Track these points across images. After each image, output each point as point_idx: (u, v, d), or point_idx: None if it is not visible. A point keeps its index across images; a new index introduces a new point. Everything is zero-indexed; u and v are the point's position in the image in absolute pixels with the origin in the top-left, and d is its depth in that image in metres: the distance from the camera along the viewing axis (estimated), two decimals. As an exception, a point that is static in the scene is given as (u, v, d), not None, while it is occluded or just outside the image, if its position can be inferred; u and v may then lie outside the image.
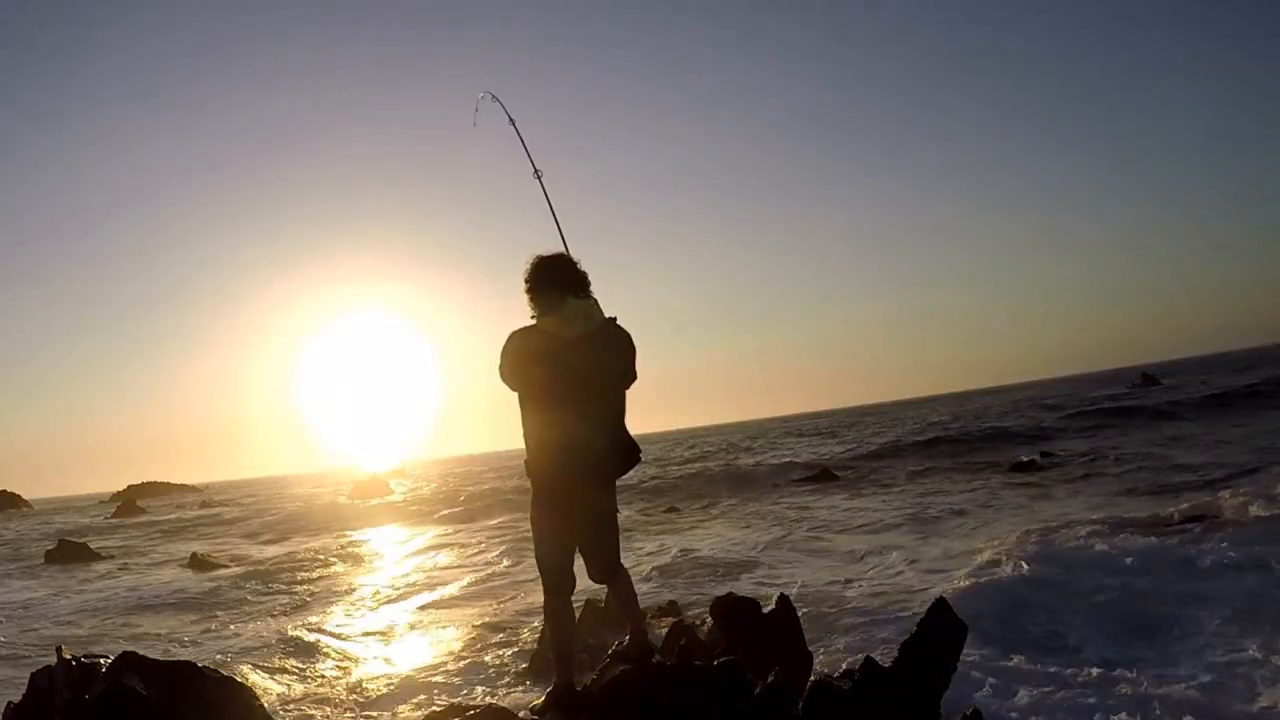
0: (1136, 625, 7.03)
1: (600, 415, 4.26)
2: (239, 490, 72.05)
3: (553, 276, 4.22)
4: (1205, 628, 6.72)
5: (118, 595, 14.32)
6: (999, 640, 6.61)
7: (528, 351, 4.18)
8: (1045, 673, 5.57)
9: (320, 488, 53.79)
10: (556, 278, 4.22)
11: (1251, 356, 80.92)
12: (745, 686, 4.07)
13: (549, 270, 4.24)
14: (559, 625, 4.43)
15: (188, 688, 4.43)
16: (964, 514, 14.69)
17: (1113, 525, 11.13)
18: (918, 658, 4.02)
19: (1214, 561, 8.48)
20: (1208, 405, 30.88)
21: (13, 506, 62.40)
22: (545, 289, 4.21)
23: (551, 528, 4.36)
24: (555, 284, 4.20)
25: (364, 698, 7.27)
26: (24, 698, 4.56)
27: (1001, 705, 5.10)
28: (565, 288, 4.20)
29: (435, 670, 7.88)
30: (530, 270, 4.27)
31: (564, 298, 4.18)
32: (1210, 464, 17.23)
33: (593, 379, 4.21)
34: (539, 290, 4.23)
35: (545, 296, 4.21)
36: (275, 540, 23.27)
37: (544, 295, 4.21)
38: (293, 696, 7.43)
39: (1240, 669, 5.73)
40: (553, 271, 4.24)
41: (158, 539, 25.68)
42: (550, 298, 4.19)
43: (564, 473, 4.26)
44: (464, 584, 12.70)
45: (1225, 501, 11.78)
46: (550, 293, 4.19)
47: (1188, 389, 39.50)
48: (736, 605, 5.05)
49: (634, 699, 4.11)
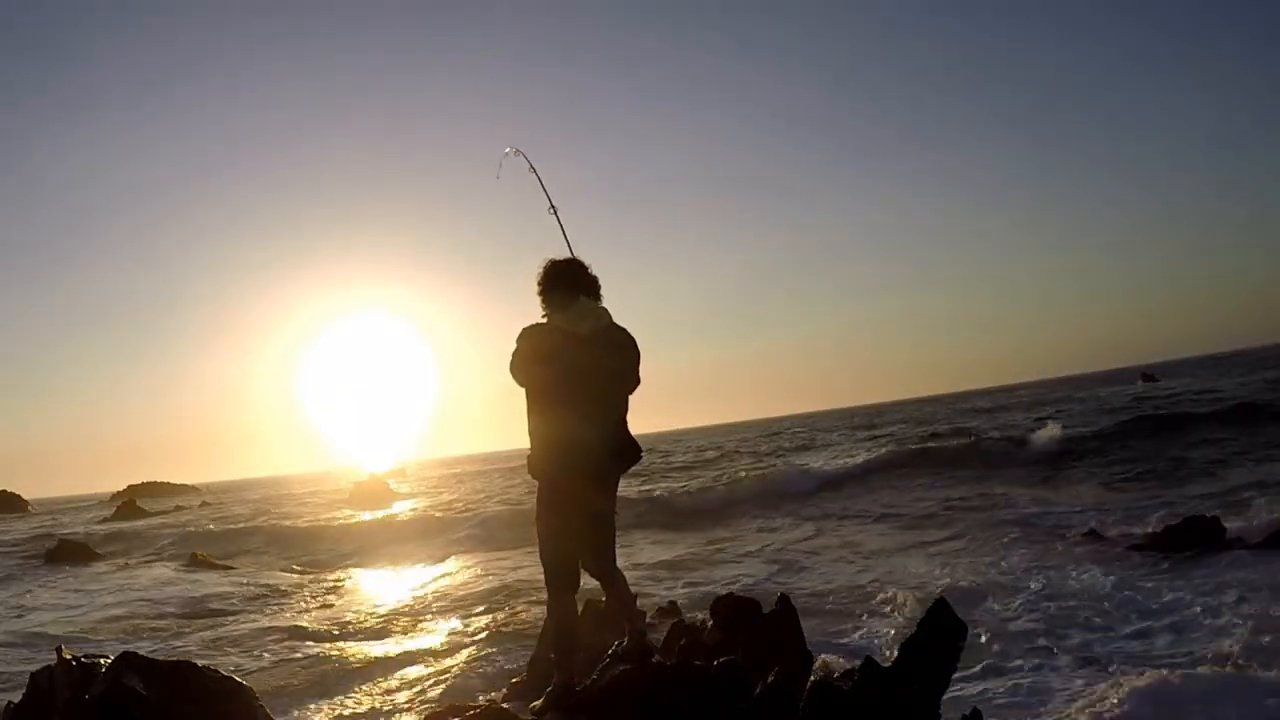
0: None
1: (600, 416, 4.34)
2: (239, 490, 72.04)
3: (566, 278, 4.43)
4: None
5: (118, 595, 14.32)
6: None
7: (537, 347, 4.32)
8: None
9: (320, 488, 53.76)
10: (569, 279, 4.42)
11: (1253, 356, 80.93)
12: (745, 686, 4.07)
13: (562, 272, 4.46)
14: (561, 624, 4.45)
15: (188, 687, 4.42)
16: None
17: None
18: (918, 658, 4.02)
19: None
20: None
21: (13, 507, 62.33)
22: (558, 289, 4.40)
23: (552, 526, 4.41)
24: (568, 285, 4.40)
25: (364, 697, 7.27)
26: (24, 697, 4.57)
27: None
28: (578, 289, 4.41)
29: (435, 670, 7.88)
30: (543, 272, 4.48)
31: (575, 297, 4.38)
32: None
33: (596, 379, 4.31)
34: (551, 290, 4.43)
35: (557, 296, 4.40)
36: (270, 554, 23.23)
37: (556, 295, 4.40)
38: (293, 696, 7.43)
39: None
40: (566, 274, 4.45)
41: (158, 539, 25.66)
42: (562, 297, 4.38)
43: (563, 472, 4.34)
44: (465, 585, 12.71)
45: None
46: (562, 293, 4.39)
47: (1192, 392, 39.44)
48: (736, 605, 5.05)
49: (634, 699, 4.11)
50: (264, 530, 25.24)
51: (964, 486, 18.64)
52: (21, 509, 62.17)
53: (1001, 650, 6.92)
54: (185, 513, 39.91)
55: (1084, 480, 17.91)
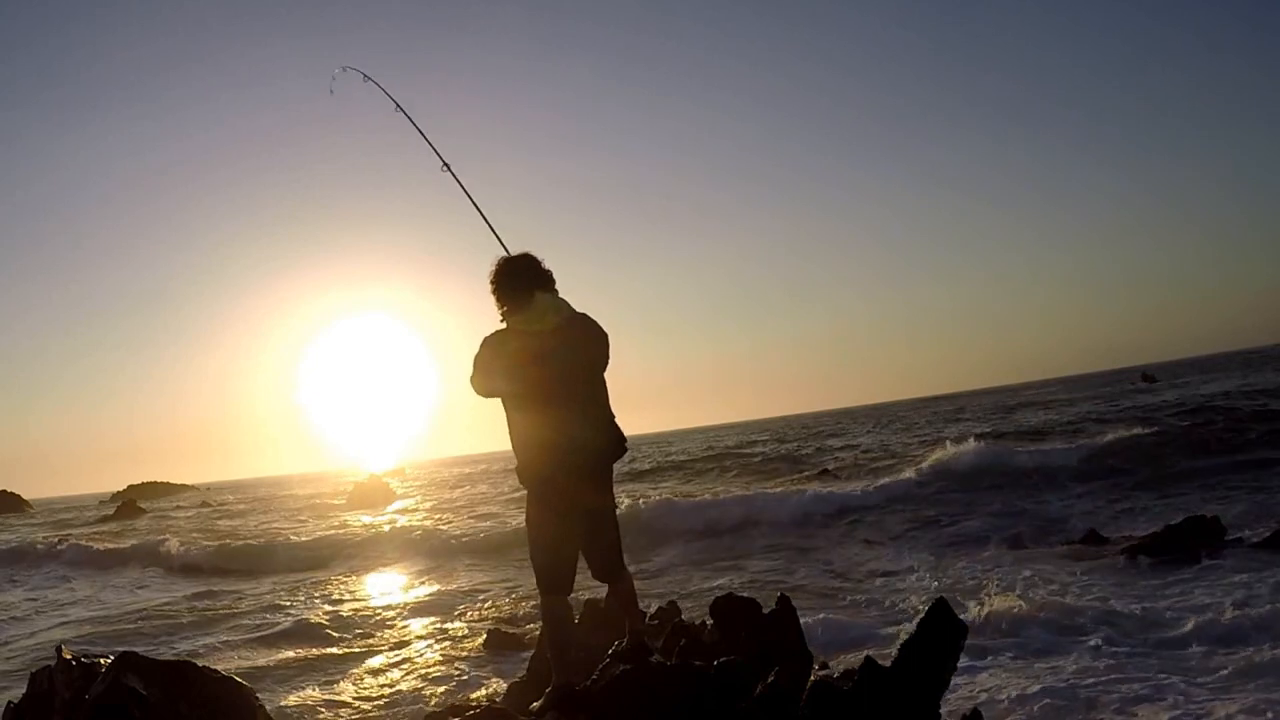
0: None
1: (589, 411, 4.27)
2: (240, 490, 72.03)
3: (517, 275, 4.23)
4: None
5: (118, 595, 14.32)
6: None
7: (505, 354, 4.18)
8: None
9: (320, 488, 53.74)
10: (521, 276, 4.23)
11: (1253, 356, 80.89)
12: (745, 686, 4.06)
13: (513, 269, 4.26)
14: (556, 625, 4.41)
15: (188, 687, 4.41)
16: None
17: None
18: (918, 658, 4.01)
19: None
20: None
21: (13, 507, 62.31)
22: (510, 288, 4.21)
23: (547, 527, 4.34)
24: (521, 282, 4.21)
25: (364, 697, 7.27)
26: (24, 698, 4.56)
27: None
28: (532, 284, 4.22)
29: (435, 670, 7.89)
30: (494, 272, 4.28)
31: (531, 294, 4.20)
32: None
33: (574, 372, 4.22)
34: (503, 290, 4.23)
35: (512, 295, 4.21)
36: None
37: (510, 294, 4.21)
38: (293, 696, 7.43)
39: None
40: (517, 270, 4.25)
41: (158, 538, 25.65)
42: (517, 296, 4.20)
43: (558, 471, 4.25)
44: (464, 585, 12.71)
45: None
46: (516, 291, 4.20)
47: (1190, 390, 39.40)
48: (736, 605, 5.03)
49: (634, 699, 4.10)
50: (264, 530, 25.24)
51: (964, 484, 18.66)
52: (22, 509, 62.20)
53: (1002, 649, 6.92)
54: (185, 512, 39.89)
55: (1083, 480, 17.88)
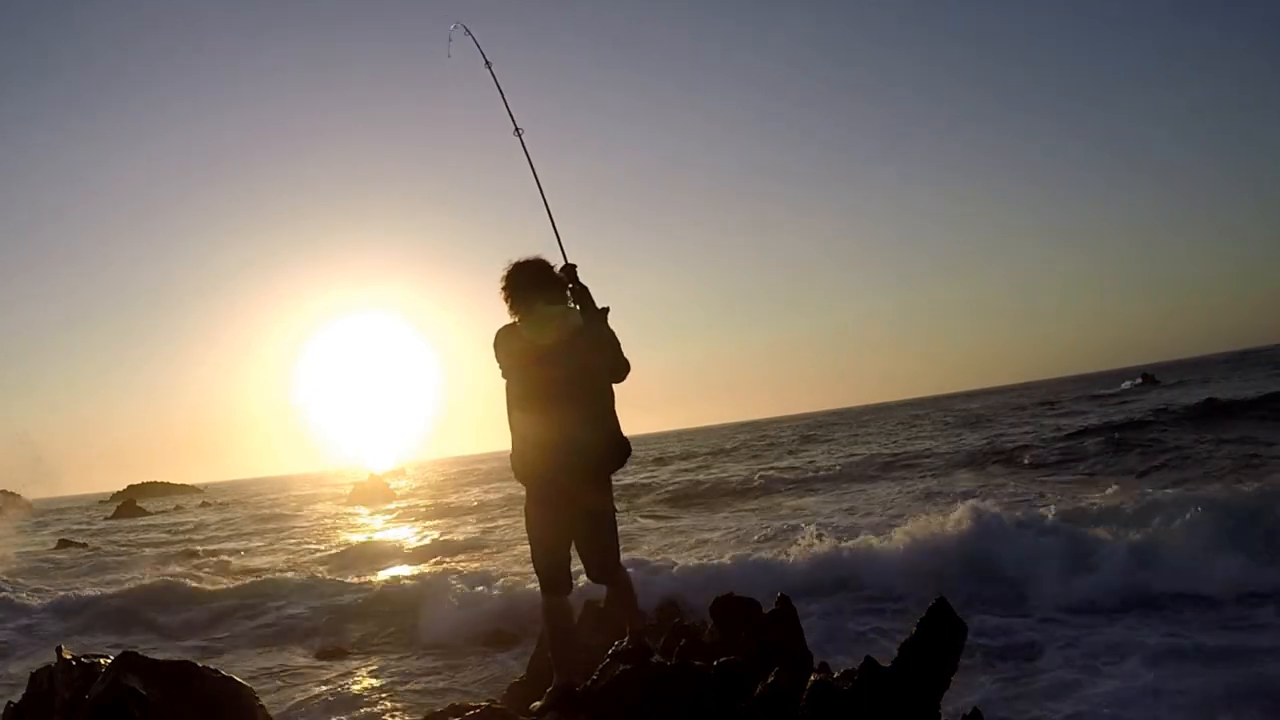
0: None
1: (589, 413, 4.29)
2: (240, 490, 72.00)
3: (523, 284, 4.27)
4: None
5: (118, 594, 14.30)
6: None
7: (512, 353, 4.29)
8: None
9: (321, 488, 53.72)
10: (526, 285, 4.26)
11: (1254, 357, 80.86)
12: (745, 686, 4.06)
13: (515, 281, 4.29)
14: (556, 625, 4.42)
15: (188, 687, 4.41)
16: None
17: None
18: (918, 658, 4.01)
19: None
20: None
21: (12, 507, 62.25)
22: (515, 296, 4.27)
23: (545, 527, 4.37)
24: (525, 291, 4.25)
25: (364, 697, 7.27)
26: (24, 698, 4.56)
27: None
28: (535, 293, 4.24)
29: (435, 670, 7.88)
30: (504, 277, 4.33)
31: (532, 304, 4.23)
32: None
33: (578, 375, 4.25)
34: (510, 297, 4.30)
35: (515, 304, 4.28)
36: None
37: (515, 303, 4.28)
38: (293, 696, 7.42)
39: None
40: (523, 278, 4.28)
41: (158, 538, 25.65)
42: (519, 307, 4.27)
43: (556, 472, 4.28)
44: (466, 585, 12.68)
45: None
46: (519, 300, 4.26)
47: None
48: (736, 605, 5.03)
49: (634, 699, 4.10)
50: (264, 531, 25.23)
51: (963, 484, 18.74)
52: (21, 509, 62.11)
53: (1002, 649, 6.91)
54: (184, 513, 39.87)
55: (1083, 480, 17.90)
